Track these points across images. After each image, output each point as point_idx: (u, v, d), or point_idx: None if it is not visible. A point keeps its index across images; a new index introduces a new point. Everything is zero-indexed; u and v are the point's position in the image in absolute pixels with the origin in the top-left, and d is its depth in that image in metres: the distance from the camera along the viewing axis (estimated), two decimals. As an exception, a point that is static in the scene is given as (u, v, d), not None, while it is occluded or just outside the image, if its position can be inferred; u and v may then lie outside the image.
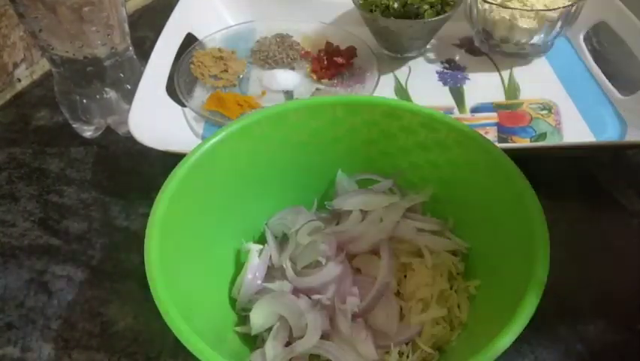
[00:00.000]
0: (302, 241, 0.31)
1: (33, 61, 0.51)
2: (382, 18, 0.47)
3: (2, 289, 0.34)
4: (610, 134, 0.42)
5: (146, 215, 0.26)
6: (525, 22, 0.47)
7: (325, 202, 0.33)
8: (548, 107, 0.45)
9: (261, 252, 0.31)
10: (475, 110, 0.45)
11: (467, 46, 0.53)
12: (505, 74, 0.49)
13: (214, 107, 0.45)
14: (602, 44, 0.53)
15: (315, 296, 0.28)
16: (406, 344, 0.27)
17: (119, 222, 0.38)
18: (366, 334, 0.27)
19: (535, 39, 0.48)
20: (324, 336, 0.27)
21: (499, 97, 0.47)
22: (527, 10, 0.46)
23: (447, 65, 0.51)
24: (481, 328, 0.26)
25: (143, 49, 0.47)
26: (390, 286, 0.28)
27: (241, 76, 0.49)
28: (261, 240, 0.32)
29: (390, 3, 0.47)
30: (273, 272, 0.31)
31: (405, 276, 0.30)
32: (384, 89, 0.48)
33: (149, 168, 0.41)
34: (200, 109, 0.44)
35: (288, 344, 0.27)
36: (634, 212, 0.37)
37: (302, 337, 0.26)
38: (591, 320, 0.31)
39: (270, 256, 0.31)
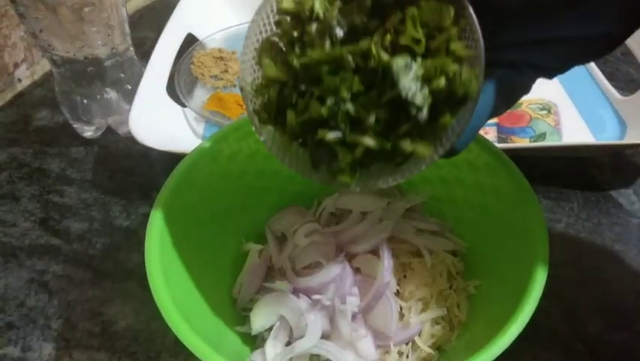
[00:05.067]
0: (299, 243, 0.31)
1: (34, 61, 0.51)
2: None
3: (3, 289, 0.34)
4: (609, 135, 0.42)
5: (147, 215, 0.26)
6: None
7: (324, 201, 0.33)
8: (548, 108, 0.45)
9: (261, 252, 0.31)
10: (474, 110, 0.45)
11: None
12: (505, 74, 0.49)
13: (214, 107, 0.45)
14: (602, 45, 0.53)
15: (315, 296, 0.28)
16: (406, 343, 0.27)
17: (120, 222, 0.38)
18: (366, 334, 0.27)
19: (535, 39, 0.48)
20: (324, 336, 0.27)
21: (499, 97, 0.47)
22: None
23: (447, 66, 0.51)
24: (480, 328, 0.26)
25: (144, 49, 0.47)
26: (389, 286, 0.29)
27: (241, 76, 0.49)
28: (261, 240, 0.32)
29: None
30: (273, 272, 0.31)
31: (404, 276, 0.30)
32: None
33: (150, 168, 0.41)
34: (201, 109, 0.44)
35: (288, 343, 0.27)
36: (633, 212, 0.37)
37: (302, 337, 0.26)
38: (591, 319, 0.31)
39: (270, 256, 0.31)
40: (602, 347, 0.30)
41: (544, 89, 0.47)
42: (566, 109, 0.45)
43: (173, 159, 0.30)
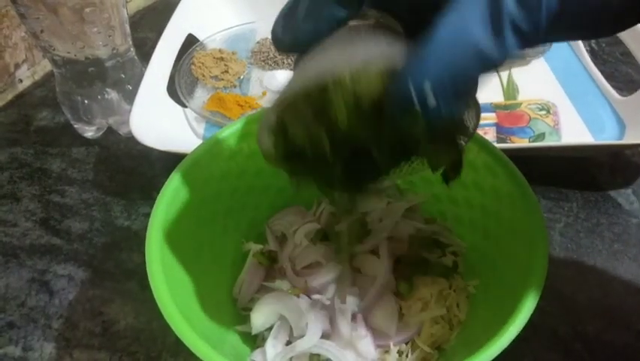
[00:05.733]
0: (299, 242, 0.31)
1: (34, 61, 0.51)
2: None
3: (4, 289, 0.34)
4: (608, 135, 0.42)
5: (147, 215, 0.26)
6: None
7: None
8: (547, 108, 0.45)
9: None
10: (474, 110, 0.46)
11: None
12: (504, 74, 0.49)
13: (215, 107, 0.45)
14: (601, 45, 0.53)
15: (315, 296, 0.28)
16: (406, 343, 0.27)
17: (121, 222, 0.38)
18: (366, 334, 0.27)
19: (535, 40, 0.48)
20: (324, 336, 0.27)
21: (498, 97, 0.47)
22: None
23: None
24: (480, 327, 0.26)
25: (144, 50, 0.48)
26: (389, 286, 0.29)
27: (242, 77, 0.50)
28: (262, 239, 0.32)
29: None
30: (273, 272, 0.31)
31: (404, 275, 0.30)
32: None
33: (150, 169, 0.42)
34: (201, 109, 0.45)
35: (288, 343, 0.27)
36: (632, 212, 0.37)
37: (302, 336, 0.26)
38: (590, 319, 0.31)
39: (271, 256, 0.31)
40: (601, 347, 0.30)
41: (543, 90, 0.47)
42: (565, 109, 0.45)
43: (173, 159, 0.30)
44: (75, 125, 0.44)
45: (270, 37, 0.58)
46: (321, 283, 0.28)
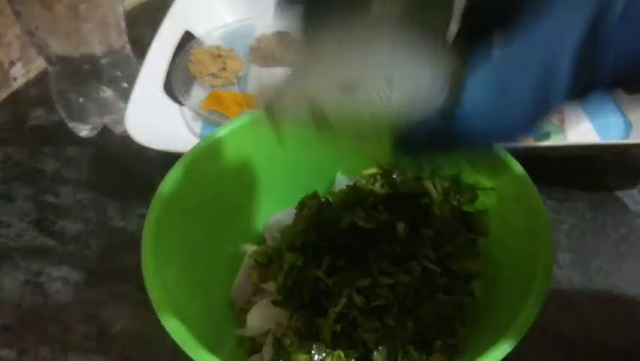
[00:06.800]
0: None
1: (29, 59, 0.50)
2: None
3: (-2, 291, 0.33)
4: (614, 134, 0.42)
5: (143, 216, 0.25)
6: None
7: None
8: (551, 106, 0.44)
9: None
10: (476, 108, 0.45)
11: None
12: (507, 72, 0.49)
13: (212, 106, 0.44)
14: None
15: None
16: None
17: (116, 223, 0.37)
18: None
19: (538, 37, 0.48)
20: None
21: (501, 95, 0.46)
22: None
23: (448, 64, 0.50)
24: (483, 329, 0.25)
25: (140, 47, 0.47)
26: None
27: (240, 74, 0.49)
28: (260, 240, 0.32)
29: None
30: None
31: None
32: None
33: (146, 168, 0.41)
34: (198, 108, 0.44)
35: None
36: (638, 212, 0.37)
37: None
38: (596, 322, 0.31)
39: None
40: (606, 349, 0.29)
41: (547, 88, 0.46)
42: (571, 108, 0.44)
43: (170, 158, 0.30)
44: (70, 124, 0.43)
45: (268, 33, 0.57)
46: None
